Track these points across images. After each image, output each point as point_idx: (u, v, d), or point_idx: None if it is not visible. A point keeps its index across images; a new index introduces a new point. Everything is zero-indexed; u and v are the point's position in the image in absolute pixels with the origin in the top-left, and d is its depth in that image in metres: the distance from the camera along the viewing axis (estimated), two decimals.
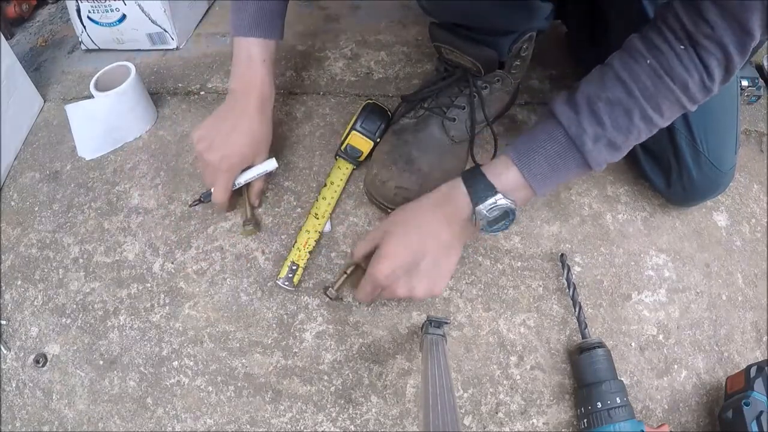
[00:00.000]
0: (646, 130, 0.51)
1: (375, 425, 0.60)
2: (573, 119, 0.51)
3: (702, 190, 0.68)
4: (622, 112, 0.50)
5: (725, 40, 0.45)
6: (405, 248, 0.55)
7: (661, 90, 0.49)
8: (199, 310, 0.69)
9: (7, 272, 0.74)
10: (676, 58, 0.47)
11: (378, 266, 0.55)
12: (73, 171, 0.85)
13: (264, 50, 0.68)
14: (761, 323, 0.66)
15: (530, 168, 0.53)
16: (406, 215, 0.57)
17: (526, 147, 0.54)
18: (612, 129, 0.50)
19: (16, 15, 1.13)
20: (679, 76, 0.48)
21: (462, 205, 0.55)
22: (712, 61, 0.47)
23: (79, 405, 0.63)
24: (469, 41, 0.67)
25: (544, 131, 0.53)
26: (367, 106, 0.78)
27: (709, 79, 0.48)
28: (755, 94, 0.86)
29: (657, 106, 0.50)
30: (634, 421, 0.54)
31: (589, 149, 0.51)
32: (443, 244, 0.57)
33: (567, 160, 0.53)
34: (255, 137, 0.69)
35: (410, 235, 0.55)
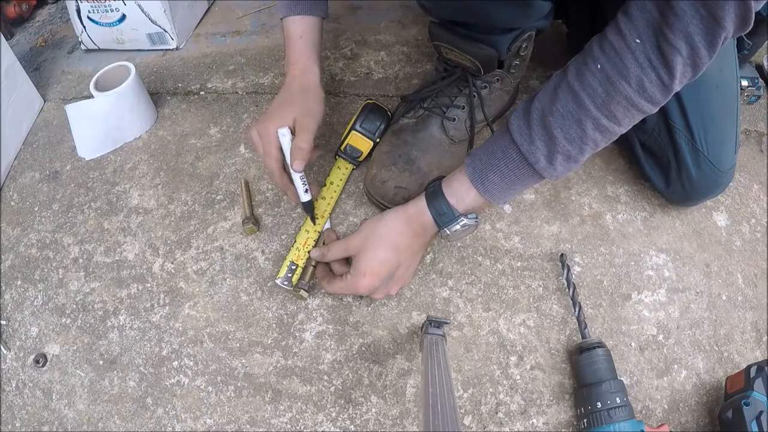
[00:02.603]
0: (603, 139, 0.51)
1: (375, 425, 0.60)
2: (526, 136, 0.51)
3: (701, 189, 0.68)
4: (573, 124, 0.49)
5: (691, 29, 0.42)
6: (382, 265, 0.60)
7: (614, 96, 0.47)
8: (199, 310, 0.69)
9: (7, 272, 0.75)
10: (631, 56, 0.45)
11: (360, 282, 0.59)
12: (73, 171, 0.85)
13: (300, 26, 0.69)
14: (761, 323, 0.66)
15: (487, 187, 0.55)
16: (379, 232, 0.60)
17: (482, 165, 0.55)
18: (565, 142, 0.50)
19: (16, 15, 1.14)
20: (634, 75, 0.45)
21: (428, 226, 0.59)
22: (675, 56, 0.43)
23: (79, 405, 0.63)
24: (469, 40, 0.67)
25: (499, 148, 0.54)
26: (367, 106, 0.78)
27: (668, 75, 0.45)
28: (755, 94, 0.85)
29: (611, 114, 0.48)
30: (634, 421, 0.54)
31: (542, 166, 0.52)
32: (413, 253, 0.63)
33: (522, 175, 0.54)
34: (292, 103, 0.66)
35: (386, 252, 0.60)
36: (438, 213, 0.58)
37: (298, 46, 0.69)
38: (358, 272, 0.60)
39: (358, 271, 0.60)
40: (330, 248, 0.64)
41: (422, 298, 0.67)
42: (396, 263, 0.60)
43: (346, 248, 0.63)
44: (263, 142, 0.65)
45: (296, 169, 0.64)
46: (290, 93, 0.67)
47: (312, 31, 0.70)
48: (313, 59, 0.70)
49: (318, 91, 0.69)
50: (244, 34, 1.05)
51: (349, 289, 0.61)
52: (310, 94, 0.68)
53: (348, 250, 0.62)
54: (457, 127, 0.73)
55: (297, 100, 0.66)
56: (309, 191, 0.68)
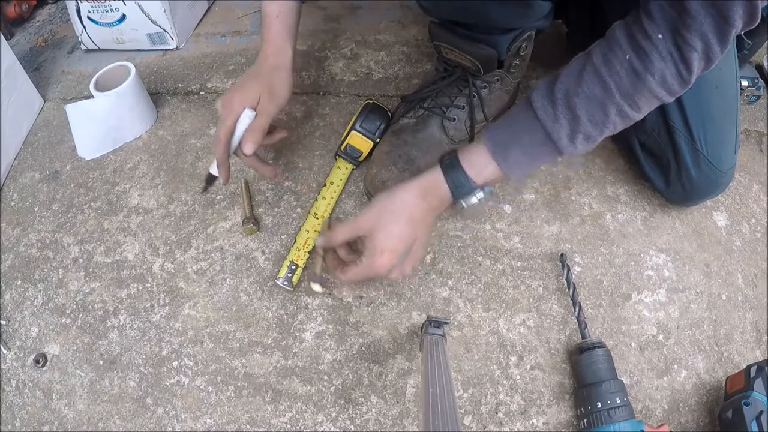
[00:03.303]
0: (622, 124, 0.53)
1: (375, 425, 0.60)
2: (550, 114, 0.53)
3: (701, 189, 0.68)
4: (598, 108, 0.51)
5: (705, 29, 0.45)
6: (401, 242, 0.57)
7: (638, 87, 0.49)
8: (199, 310, 0.69)
9: (7, 272, 0.74)
10: (655, 50, 0.48)
11: (379, 261, 0.56)
12: (73, 171, 0.85)
13: (277, 7, 0.69)
14: (761, 323, 0.66)
15: (507, 161, 0.55)
16: (392, 207, 0.58)
17: (503, 138, 0.56)
18: (588, 123, 0.52)
19: (16, 15, 1.14)
20: (658, 69, 0.48)
21: (444, 197, 0.58)
22: (691, 52, 0.47)
23: (79, 405, 0.63)
24: (469, 40, 0.67)
25: (522, 124, 0.55)
26: (367, 106, 0.78)
27: (686, 69, 0.48)
28: (755, 94, 0.85)
29: (634, 103, 0.51)
30: (634, 421, 0.54)
31: (564, 144, 0.53)
32: (428, 226, 0.61)
33: (542, 152, 0.55)
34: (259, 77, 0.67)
35: (403, 226, 0.58)
36: (455, 185, 0.57)
37: (274, 25, 0.69)
38: (375, 251, 0.57)
39: (375, 250, 0.57)
40: (336, 231, 0.61)
41: (422, 298, 0.67)
42: (413, 237, 0.58)
43: (355, 228, 0.59)
44: (223, 112, 0.65)
45: (246, 152, 0.64)
46: (260, 70, 0.68)
47: (289, 13, 0.69)
48: (287, 40, 0.69)
49: (288, 73, 0.69)
50: (244, 34, 1.05)
51: (366, 271, 0.58)
52: (279, 75, 0.68)
53: (358, 230, 0.59)
54: (457, 127, 0.73)
55: (265, 79, 0.67)
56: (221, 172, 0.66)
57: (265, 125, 0.65)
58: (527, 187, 0.76)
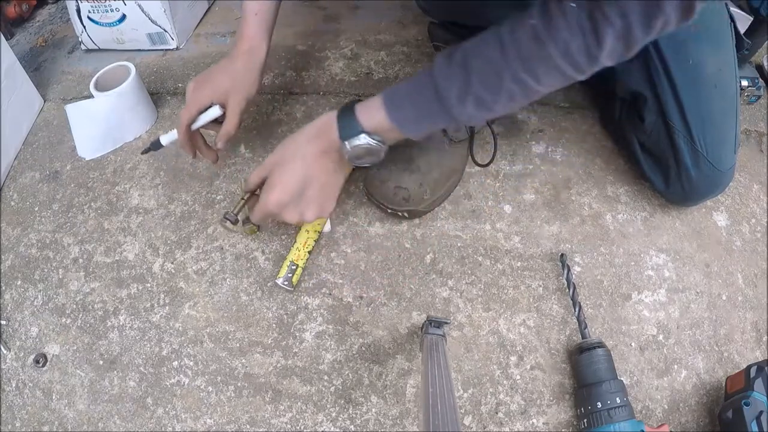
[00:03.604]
0: (520, 94, 0.50)
1: (375, 425, 0.60)
2: (444, 72, 0.52)
3: (701, 189, 0.68)
4: (492, 72, 0.49)
5: (628, 7, 0.41)
6: (290, 178, 0.58)
7: (537, 54, 0.47)
8: (199, 310, 0.69)
9: (7, 272, 0.74)
10: (563, 18, 0.44)
11: (268, 196, 0.58)
12: (73, 171, 0.85)
13: (257, 4, 0.70)
14: (761, 323, 0.66)
15: (397, 112, 0.55)
16: (288, 147, 0.60)
17: (398, 92, 0.55)
18: (479, 86, 0.50)
19: (16, 15, 1.14)
20: (562, 38, 0.45)
21: (333, 138, 0.58)
22: (606, 28, 0.43)
23: (79, 405, 0.63)
24: None
25: (418, 79, 0.54)
26: None
27: (596, 45, 0.44)
28: (755, 94, 0.85)
29: (531, 70, 0.48)
30: (634, 421, 0.54)
31: (452, 103, 0.52)
32: (326, 170, 0.60)
33: (432, 109, 0.54)
34: (233, 74, 0.70)
35: (295, 165, 0.58)
36: (343, 125, 0.57)
37: (252, 22, 0.70)
38: (267, 187, 0.59)
39: (267, 186, 0.59)
40: (250, 176, 0.63)
41: (422, 298, 0.67)
42: (304, 176, 0.58)
43: (262, 168, 0.61)
44: (190, 98, 0.68)
45: (219, 147, 0.71)
46: (233, 65, 0.70)
47: (268, 11, 0.71)
48: (263, 38, 0.71)
49: (259, 71, 0.71)
50: None
51: (262, 207, 0.60)
52: (251, 73, 0.70)
53: (264, 170, 0.61)
54: (457, 127, 0.73)
55: (237, 76, 0.69)
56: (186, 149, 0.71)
57: (236, 124, 0.69)
58: (527, 187, 0.76)
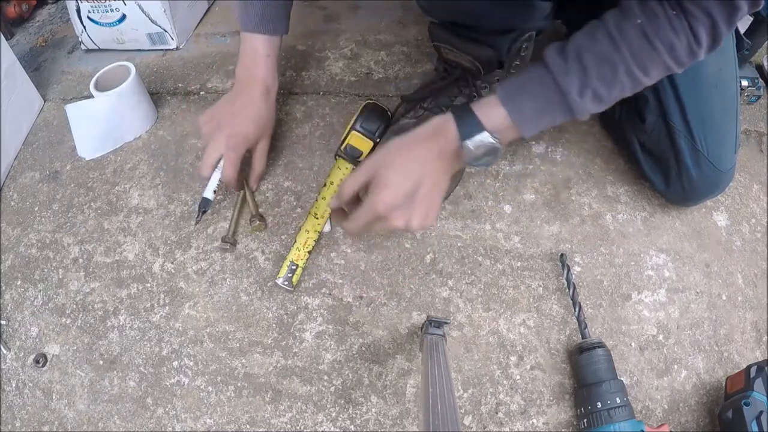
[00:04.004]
0: (630, 86, 0.53)
1: (375, 425, 0.60)
2: (562, 67, 0.53)
3: (701, 189, 0.68)
4: (607, 65, 0.52)
5: (712, 10, 0.47)
6: (405, 177, 0.55)
7: (647, 50, 0.50)
8: (199, 310, 0.69)
9: (7, 272, 0.74)
10: (668, 22, 0.49)
11: (379, 195, 0.54)
12: (73, 171, 0.85)
13: (268, 45, 0.73)
14: (761, 323, 0.66)
15: (517, 109, 0.54)
16: (400, 146, 0.57)
17: (514, 89, 0.55)
18: (597, 79, 0.52)
19: (16, 15, 1.14)
20: (667, 38, 0.49)
21: (451, 139, 0.56)
22: (700, 27, 0.48)
23: (79, 405, 0.63)
24: (469, 41, 0.67)
25: (533, 76, 0.55)
26: (367, 106, 0.78)
27: (696, 44, 0.50)
28: (755, 94, 0.85)
29: (642, 64, 0.51)
30: (634, 421, 0.54)
31: (573, 98, 0.53)
32: (439, 172, 0.57)
33: (552, 105, 0.54)
34: (259, 120, 0.73)
35: (409, 163, 0.55)
36: (463, 124, 0.55)
37: (265, 64, 0.73)
38: (377, 186, 0.54)
39: (377, 185, 0.54)
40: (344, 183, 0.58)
41: (422, 298, 0.67)
42: (419, 177, 0.55)
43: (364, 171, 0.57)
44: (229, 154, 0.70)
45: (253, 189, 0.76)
46: (257, 110, 0.73)
47: (276, 49, 0.74)
48: (276, 78, 0.75)
49: (273, 108, 0.76)
50: None
51: (368, 211, 0.55)
52: (271, 113, 0.75)
53: (367, 172, 0.57)
54: None
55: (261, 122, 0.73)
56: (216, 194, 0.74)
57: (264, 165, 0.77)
58: (527, 187, 0.76)
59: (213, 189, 0.73)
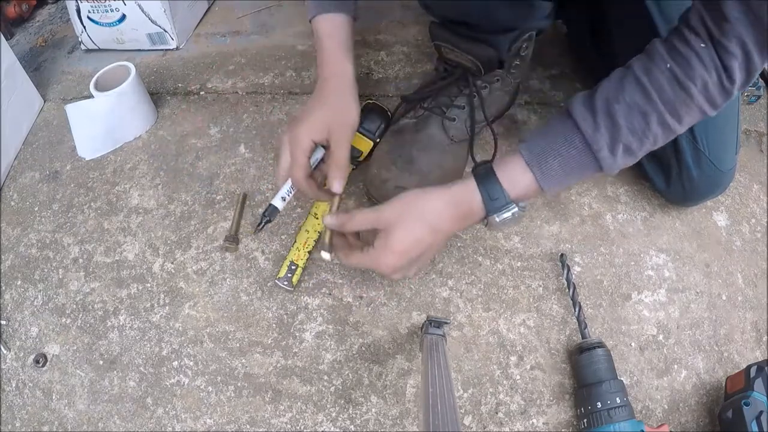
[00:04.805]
0: (663, 137, 0.50)
1: (375, 425, 0.60)
2: (590, 122, 0.50)
3: (702, 189, 0.68)
4: (639, 116, 0.49)
5: (745, 38, 0.44)
6: (416, 246, 0.54)
7: (680, 95, 0.48)
8: (199, 310, 0.69)
9: (7, 272, 0.75)
10: (696, 57, 0.46)
11: (386, 259, 0.54)
12: (73, 171, 0.85)
13: (329, 25, 0.66)
14: (761, 323, 0.66)
15: (544, 173, 0.52)
16: (420, 208, 0.54)
17: (541, 149, 0.52)
18: (628, 133, 0.49)
19: (16, 15, 1.14)
20: (700, 76, 0.47)
21: (476, 210, 0.54)
22: (732, 61, 0.46)
23: (79, 405, 0.63)
24: (469, 40, 0.67)
25: (560, 134, 0.52)
26: (367, 106, 0.78)
27: (728, 80, 0.47)
28: (755, 94, 0.85)
29: (675, 112, 0.49)
30: (634, 421, 0.54)
31: (604, 156, 0.50)
32: (447, 237, 0.57)
33: (582, 164, 0.52)
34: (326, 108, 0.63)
35: (423, 232, 0.54)
36: (490, 197, 0.53)
37: (327, 45, 0.65)
38: (386, 247, 0.54)
39: (386, 246, 0.54)
40: (354, 217, 0.57)
41: (422, 298, 0.67)
42: (429, 245, 0.55)
43: (377, 219, 0.56)
44: (293, 150, 0.60)
45: (336, 190, 0.61)
46: (323, 96, 0.63)
47: (341, 28, 0.66)
48: (344, 58, 0.65)
49: (352, 91, 0.64)
50: (244, 34, 1.05)
51: (371, 263, 0.56)
52: (344, 97, 0.64)
53: (379, 222, 0.55)
54: (457, 126, 0.73)
55: (331, 106, 0.62)
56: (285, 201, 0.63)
57: (346, 157, 0.61)
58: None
59: (282, 195, 0.62)
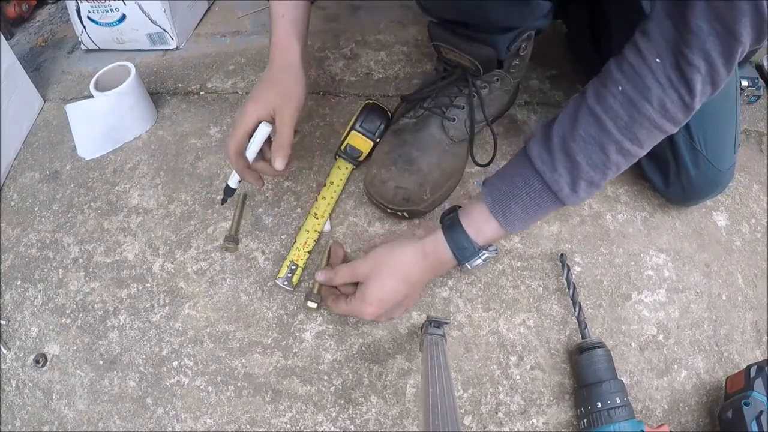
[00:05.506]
0: (625, 163, 0.50)
1: (375, 425, 0.60)
2: (548, 164, 0.50)
3: (701, 189, 0.68)
4: (597, 150, 0.48)
5: (709, 47, 0.42)
6: (390, 296, 0.58)
7: (636, 118, 0.46)
8: (199, 310, 0.69)
9: (7, 272, 0.75)
10: (651, 76, 0.45)
11: (366, 309, 0.58)
12: (73, 171, 0.85)
13: (282, 6, 0.66)
14: (761, 323, 0.66)
15: (508, 218, 0.54)
16: (390, 263, 0.58)
17: (502, 194, 0.54)
18: (588, 168, 0.49)
19: (16, 15, 1.13)
20: (656, 96, 0.45)
21: (447, 261, 0.58)
22: (694, 74, 0.44)
23: (79, 405, 0.63)
24: (468, 40, 0.67)
25: (520, 177, 0.53)
26: (367, 106, 0.78)
27: (689, 94, 0.45)
28: (755, 94, 0.85)
29: (634, 137, 0.48)
30: (634, 421, 0.54)
31: (566, 194, 0.51)
32: (423, 284, 0.63)
33: (544, 204, 0.53)
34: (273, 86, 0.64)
35: (397, 284, 0.58)
36: (458, 247, 0.56)
37: (279, 25, 0.66)
38: (363, 300, 0.58)
39: (363, 299, 0.58)
40: (337, 272, 0.62)
41: (422, 298, 0.67)
42: (404, 294, 0.59)
43: (353, 273, 0.61)
44: (235, 125, 0.62)
45: (278, 168, 0.61)
46: (270, 76, 0.65)
47: (294, 9, 0.66)
48: (294, 37, 0.66)
49: (298, 70, 0.65)
50: (244, 34, 1.05)
51: (353, 313, 0.60)
52: (289, 75, 0.65)
53: (355, 276, 0.60)
54: (457, 126, 0.73)
55: (277, 84, 0.64)
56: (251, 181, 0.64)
57: (289, 135, 0.61)
58: None
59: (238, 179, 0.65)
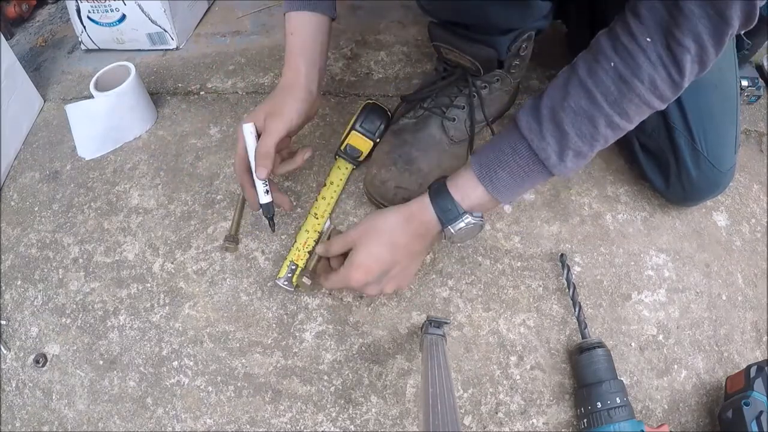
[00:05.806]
0: (613, 136, 0.51)
1: (375, 425, 0.60)
2: (536, 132, 0.51)
3: (701, 189, 0.68)
4: (586, 121, 0.49)
5: (700, 29, 0.43)
6: (377, 261, 0.58)
7: (626, 94, 0.47)
8: (199, 310, 0.69)
9: (7, 272, 0.75)
10: (643, 55, 0.45)
11: (351, 275, 0.58)
12: (73, 171, 0.85)
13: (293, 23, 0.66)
14: (761, 323, 0.66)
15: (495, 184, 0.54)
16: (376, 227, 0.59)
17: (489, 161, 0.54)
18: (576, 139, 0.50)
19: (16, 15, 1.14)
20: (647, 74, 0.46)
21: (431, 224, 0.57)
22: (684, 55, 0.44)
23: (79, 405, 0.63)
24: (468, 40, 0.67)
25: (508, 144, 0.53)
26: (367, 106, 0.78)
27: (678, 73, 0.46)
28: (755, 94, 0.85)
29: (623, 111, 0.48)
30: (634, 421, 0.54)
31: (553, 162, 0.51)
32: (412, 254, 0.60)
33: (531, 172, 0.53)
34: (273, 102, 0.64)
35: (382, 248, 0.58)
36: (441, 209, 0.56)
37: (288, 42, 0.66)
38: (351, 265, 0.58)
39: (351, 264, 0.58)
40: (332, 243, 0.63)
41: (422, 298, 0.67)
42: (391, 261, 0.58)
43: (345, 241, 0.61)
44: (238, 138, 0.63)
45: (259, 177, 0.61)
46: (274, 92, 0.66)
47: (305, 27, 0.66)
48: (300, 56, 0.66)
49: (300, 90, 0.65)
50: (244, 34, 1.05)
51: (341, 281, 0.59)
52: (290, 93, 0.64)
53: (346, 243, 0.61)
54: (457, 127, 0.73)
55: (273, 100, 0.64)
56: (270, 193, 0.63)
57: (270, 145, 0.60)
58: None
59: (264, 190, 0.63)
